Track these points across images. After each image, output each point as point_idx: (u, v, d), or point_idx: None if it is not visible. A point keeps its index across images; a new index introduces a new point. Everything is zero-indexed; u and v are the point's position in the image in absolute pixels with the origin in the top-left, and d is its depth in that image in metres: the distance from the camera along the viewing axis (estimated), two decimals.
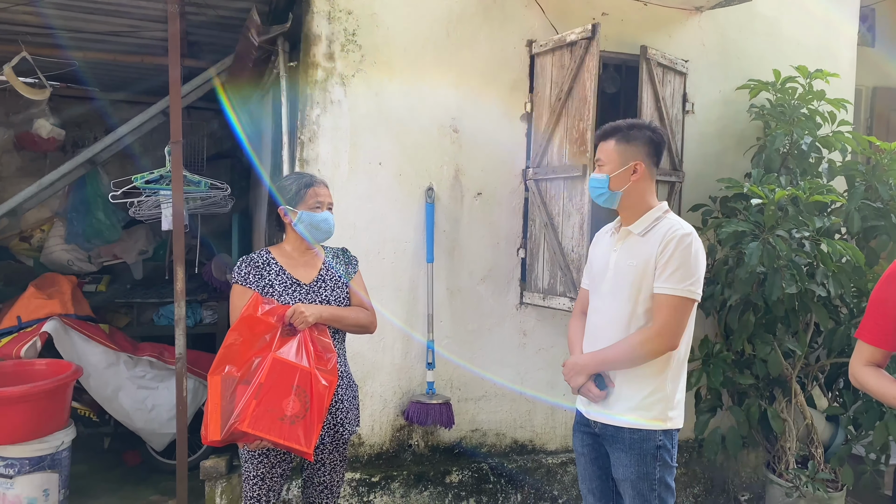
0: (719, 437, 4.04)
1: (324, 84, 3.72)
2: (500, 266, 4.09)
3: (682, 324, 2.46)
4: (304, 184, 2.75)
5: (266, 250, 2.78)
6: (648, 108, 3.90)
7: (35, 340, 4.25)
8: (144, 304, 5.67)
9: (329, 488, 2.84)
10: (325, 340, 2.63)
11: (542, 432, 4.24)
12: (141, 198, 4.59)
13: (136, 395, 4.38)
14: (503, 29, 4.01)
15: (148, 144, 6.12)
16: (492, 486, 4.04)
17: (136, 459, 4.76)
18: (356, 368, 3.68)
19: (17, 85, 4.46)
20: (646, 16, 4.25)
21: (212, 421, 2.46)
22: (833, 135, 4.17)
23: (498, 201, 4.06)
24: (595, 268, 2.72)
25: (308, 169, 3.70)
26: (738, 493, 4.38)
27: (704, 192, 4.32)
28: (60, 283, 4.90)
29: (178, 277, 3.55)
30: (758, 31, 4.56)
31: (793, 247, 3.60)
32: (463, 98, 3.96)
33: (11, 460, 3.84)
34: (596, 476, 2.71)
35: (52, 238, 6.03)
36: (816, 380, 4.31)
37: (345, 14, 3.74)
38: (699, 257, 2.47)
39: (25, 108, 5.90)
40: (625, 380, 2.54)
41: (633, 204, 2.58)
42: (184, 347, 3.57)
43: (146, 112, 4.54)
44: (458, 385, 4.05)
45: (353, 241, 3.68)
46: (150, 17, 4.06)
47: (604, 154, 2.59)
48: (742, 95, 4.39)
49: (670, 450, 2.54)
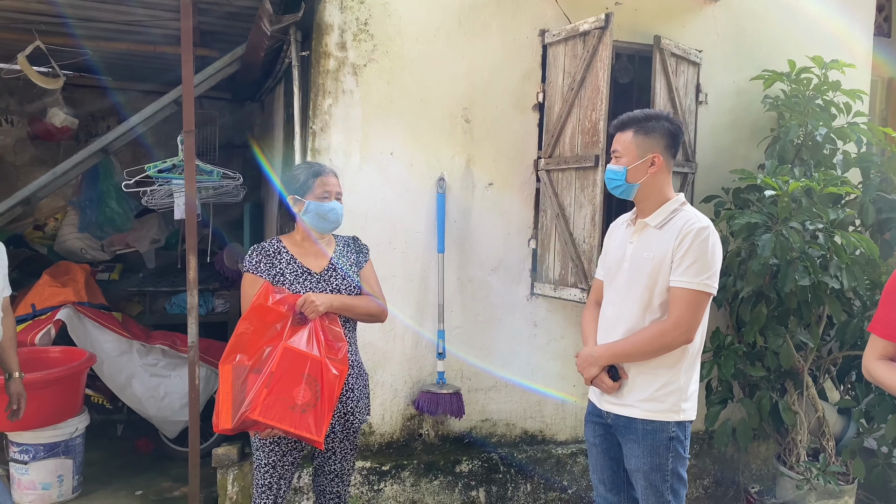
0: (730, 429, 4.03)
1: (336, 74, 3.72)
2: (511, 256, 4.08)
3: (698, 317, 2.46)
4: (313, 173, 2.75)
5: (277, 239, 2.79)
6: (661, 99, 3.87)
7: (49, 328, 4.29)
8: (157, 293, 5.70)
9: (340, 476, 2.85)
10: (335, 329, 2.64)
11: (552, 423, 4.24)
12: (153, 187, 4.61)
13: (149, 382, 4.42)
14: (515, 18, 3.99)
15: (160, 134, 6.13)
16: (501, 476, 4.04)
17: (148, 447, 4.81)
18: (367, 357, 3.69)
19: (31, 74, 4.48)
20: (659, 5, 4.22)
21: (223, 409, 2.48)
22: (848, 126, 4.12)
23: (509, 192, 4.05)
24: (610, 259, 2.70)
25: (320, 158, 3.70)
26: (749, 485, 4.37)
27: (717, 183, 4.29)
28: (74, 272, 4.94)
29: (190, 266, 3.56)
30: (773, 21, 4.51)
31: (806, 239, 3.57)
32: (474, 88, 3.95)
33: (26, 446, 3.89)
34: (608, 467, 2.71)
35: (66, 227, 6.06)
36: (829, 372, 4.28)
37: (357, 3, 3.73)
38: (716, 251, 2.46)
39: (39, 97, 5.93)
40: (638, 371, 2.54)
41: (650, 196, 2.57)
42: (196, 336, 3.59)
43: (159, 101, 4.55)
44: (469, 375, 4.05)
45: (364, 230, 3.69)
46: (163, 7, 4.06)
47: (621, 145, 2.58)
48: (756, 86, 4.35)
49: (683, 441, 2.53)
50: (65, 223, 6.10)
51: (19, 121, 6.40)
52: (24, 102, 6.29)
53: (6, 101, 6.40)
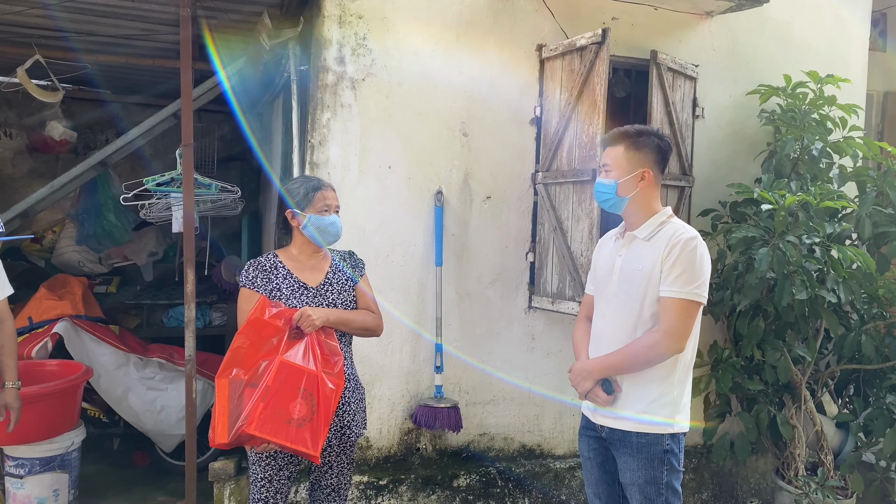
0: (728, 443, 4.02)
1: (334, 88, 3.74)
2: (509, 270, 4.09)
3: (689, 326, 2.47)
4: (312, 187, 2.76)
5: (273, 253, 2.79)
6: (658, 113, 3.89)
7: (46, 341, 4.27)
8: (154, 306, 5.69)
9: (336, 491, 2.84)
10: (332, 344, 2.64)
11: (551, 437, 4.23)
12: (152, 200, 4.61)
13: (146, 396, 4.40)
14: (513, 33, 4.01)
15: (159, 147, 6.16)
16: (499, 491, 4.03)
17: (145, 460, 4.78)
18: (364, 371, 3.69)
19: (30, 87, 4.50)
20: (656, 20, 4.25)
21: (219, 423, 2.47)
22: (844, 140, 4.15)
23: (507, 205, 4.06)
24: (600, 273, 2.72)
25: (318, 172, 3.71)
26: (747, 499, 4.36)
27: (714, 196, 4.30)
28: (71, 285, 4.93)
29: (188, 279, 3.56)
30: (769, 36, 4.55)
31: (803, 253, 3.58)
32: (472, 102, 3.96)
33: (22, 460, 3.86)
34: (602, 480, 2.71)
35: (64, 239, 6.06)
36: (826, 386, 4.28)
37: (356, 18, 3.75)
38: (704, 261, 2.48)
39: (38, 110, 5.95)
40: (632, 384, 2.54)
41: (639, 210, 2.59)
42: (193, 349, 3.58)
43: (157, 115, 4.57)
44: (467, 389, 4.04)
45: (362, 244, 3.69)
46: (162, 21, 4.09)
47: (611, 159, 2.59)
48: (752, 100, 4.38)
49: (677, 454, 2.53)
50: (63, 236, 6.10)
51: (18, 133, 6.41)
52: (22, 115, 6.31)
53: (5, 113, 6.42)
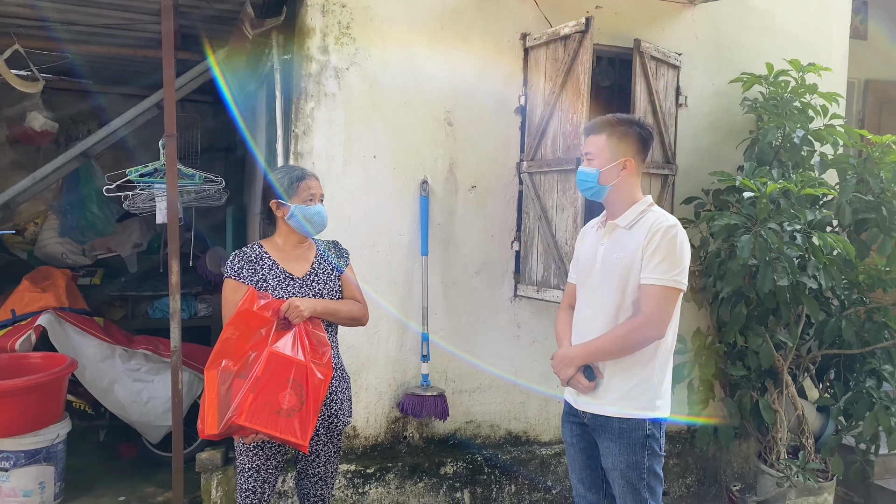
0: (712, 428, 4.08)
1: (318, 77, 3.73)
2: (495, 259, 4.11)
3: (669, 313, 2.50)
4: (296, 177, 2.76)
5: (258, 244, 2.79)
6: (642, 102, 3.91)
7: (30, 334, 4.25)
8: (139, 298, 5.66)
9: (324, 479, 2.86)
10: (320, 334, 2.65)
11: (536, 424, 4.27)
12: (135, 191, 4.59)
13: (132, 387, 4.39)
14: (497, 22, 4.01)
15: (142, 137, 6.08)
16: (486, 478, 4.06)
17: (131, 452, 4.77)
18: (351, 361, 3.70)
19: (10, 77, 4.44)
20: (639, 9, 4.26)
21: (209, 415, 2.48)
22: (825, 128, 4.19)
23: (492, 194, 4.08)
24: (582, 262, 2.75)
25: (302, 162, 3.70)
26: (730, 483, 4.42)
27: (697, 184, 4.33)
28: (55, 277, 4.89)
29: (172, 271, 3.54)
30: (751, 25, 4.57)
31: (784, 239, 3.62)
32: (457, 91, 3.96)
33: (7, 453, 3.85)
34: (585, 466, 2.75)
35: (46, 231, 6.00)
36: (808, 371, 4.34)
37: (339, 7, 3.73)
38: (684, 248, 2.51)
39: (18, 101, 5.86)
40: (613, 370, 2.57)
41: (620, 198, 2.62)
42: (179, 340, 3.58)
43: (140, 105, 4.52)
44: (453, 377, 4.07)
45: (347, 234, 3.69)
46: (144, 10, 4.04)
47: (594, 148, 2.62)
48: (735, 89, 4.41)
49: (658, 438, 2.57)
50: (45, 228, 6.04)
51: None
52: (2, 106, 6.22)
53: None
